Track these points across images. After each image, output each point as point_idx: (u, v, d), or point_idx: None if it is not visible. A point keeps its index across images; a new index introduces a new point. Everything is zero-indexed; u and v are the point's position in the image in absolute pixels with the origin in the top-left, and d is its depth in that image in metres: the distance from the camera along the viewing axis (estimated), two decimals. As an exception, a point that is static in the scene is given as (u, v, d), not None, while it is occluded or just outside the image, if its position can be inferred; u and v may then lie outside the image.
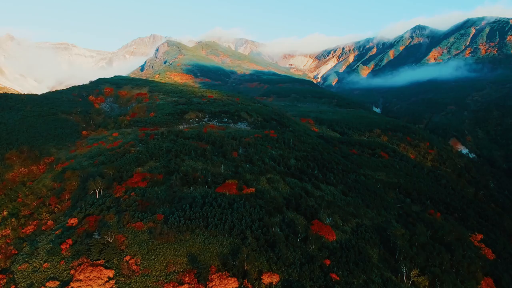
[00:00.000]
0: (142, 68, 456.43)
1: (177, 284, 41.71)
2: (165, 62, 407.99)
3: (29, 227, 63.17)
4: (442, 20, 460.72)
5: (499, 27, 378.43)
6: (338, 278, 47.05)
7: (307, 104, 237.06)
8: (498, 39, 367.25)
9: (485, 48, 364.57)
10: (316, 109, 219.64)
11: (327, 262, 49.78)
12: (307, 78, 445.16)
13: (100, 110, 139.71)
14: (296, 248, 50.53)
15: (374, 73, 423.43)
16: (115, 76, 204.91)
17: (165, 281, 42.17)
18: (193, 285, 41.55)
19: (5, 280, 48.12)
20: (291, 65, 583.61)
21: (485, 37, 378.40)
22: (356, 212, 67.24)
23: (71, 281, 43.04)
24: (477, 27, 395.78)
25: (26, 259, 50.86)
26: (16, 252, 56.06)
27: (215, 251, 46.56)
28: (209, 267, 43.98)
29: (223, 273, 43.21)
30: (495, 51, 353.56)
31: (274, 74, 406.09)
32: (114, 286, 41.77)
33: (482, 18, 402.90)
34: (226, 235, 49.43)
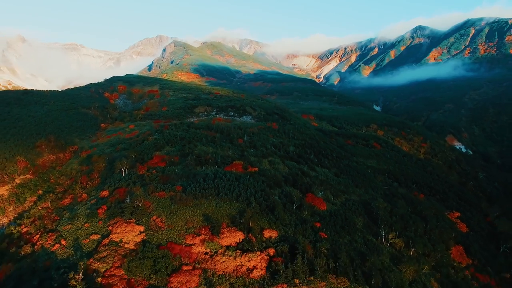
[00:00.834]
0: (149, 67, 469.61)
1: (195, 235, 52.27)
2: (172, 62, 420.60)
3: (66, 200, 74.15)
4: (442, 20, 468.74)
5: (498, 27, 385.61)
6: (326, 236, 57.35)
7: (309, 102, 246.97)
8: (497, 39, 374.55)
9: (484, 48, 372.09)
10: (317, 106, 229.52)
11: (318, 224, 60.11)
12: (309, 78, 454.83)
13: (115, 105, 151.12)
14: (292, 213, 60.89)
15: (375, 72, 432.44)
16: (126, 74, 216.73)
17: (185, 233, 52.75)
18: (208, 236, 52.08)
19: (54, 236, 58.81)
20: (294, 65, 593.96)
21: (484, 37, 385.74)
22: (346, 190, 77.50)
23: (110, 234, 53.71)
24: (477, 28, 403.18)
25: (69, 222, 61.54)
26: (58, 218, 66.95)
27: (225, 212, 57.10)
28: (221, 224, 54.48)
29: (232, 228, 53.74)
30: (493, 51, 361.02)
31: (278, 73, 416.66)
32: (145, 237, 52.34)
33: (482, 19, 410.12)
34: (234, 201, 59.96)
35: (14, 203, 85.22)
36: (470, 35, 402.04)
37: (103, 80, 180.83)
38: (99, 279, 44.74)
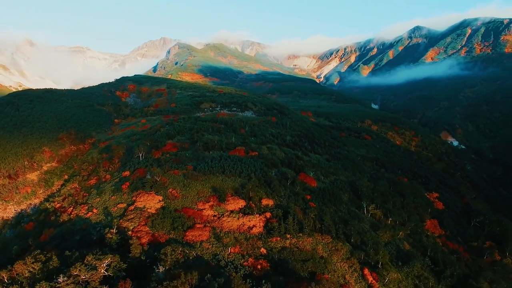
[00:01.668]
0: (154, 69, 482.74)
1: (205, 202, 63.31)
2: (176, 63, 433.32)
3: (91, 181, 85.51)
4: (440, 21, 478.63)
5: (494, 27, 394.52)
6: (314, 205, 68.16)
7: (308, 100, 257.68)
8: (492, 38, 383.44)
9: (480, 48, 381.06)
10: (315, 104, 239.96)
11: (308, 196, 70.97)
12: (309, 78, 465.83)
13: (126, 103, 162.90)
14: (286, 187, 71.82)
15: (374, 72, 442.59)
16: (135, 75, 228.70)
17: (197, 201, 63.80)
18: (216, 203, 63.12)
19: (86, 207, 69.95)
20: (295, 65, 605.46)
21: (480, 37, 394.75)
22: (335, 172, 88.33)
23: (135, 202, 64.81)
24: (473, 28, 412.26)
25: (97, 196, 72.76)
26: (87, 194, 78.20)
27: (229, 185, 68.13)
28: (226, 193, 65.50)
29: (235, 197, 64.77)
30: (489, 50, 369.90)
31: (278, 74, 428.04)
32: (164, 204, 63.38)
33: (478, 19, 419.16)
34: (237, 176, 71.03)
35: (43, 187, 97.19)
36: (467, 35, 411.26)
37: (113, 80, 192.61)
38: (129, 232, 55.78)
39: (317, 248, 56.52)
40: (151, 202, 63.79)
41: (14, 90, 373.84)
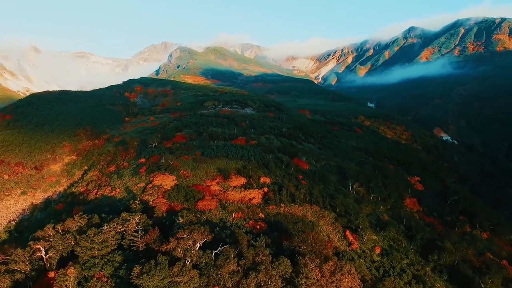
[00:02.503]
0: (157, 72, 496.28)
1: (212, 180, 74.68)
2: (178, 67, 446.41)
3: (111, 168, 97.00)
4: (434, 21, 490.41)
5: (486, 27, 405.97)
6: (305, 183, 79.41)
7: (305, 100, 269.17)
8: (484, 38, 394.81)
9: (472, 47, 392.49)
10: (312, 103, 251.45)
11: (300, 176, 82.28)
12: (306, 78, 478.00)
13: (134, 103, 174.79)
14: (281, 169, 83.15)
15: (370, 72, 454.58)
16: (141, 77, 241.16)
17: (205, 179, 75.17)
18: (221, 180, 74.48)
19: (109, 188, 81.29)
20: (293, 67, 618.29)
21: (473, 36, 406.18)
22: (326, 158, 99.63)
23: (152, 181, 76.19)
24: (466, 27, 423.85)
25: (118, 179, 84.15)
26: (108, 179, 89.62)
27: (232, 166, 79.52)
28: (230, 173, 76.87)
29: (238, 176, 76.10)
30: (481, 49, 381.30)
31: (277, 75, 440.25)
32: (177, 182, 74.72)
33: (471, 18, 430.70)
34: (239, 159, 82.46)
35: (66, 176, 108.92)
36: (460, 34, 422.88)
37: (121, 82, 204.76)
38: (150, 203, 67.12)
39: (306, 215, 67.76)
40: (166, 181, 75.14)
41: (22, 94, 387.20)
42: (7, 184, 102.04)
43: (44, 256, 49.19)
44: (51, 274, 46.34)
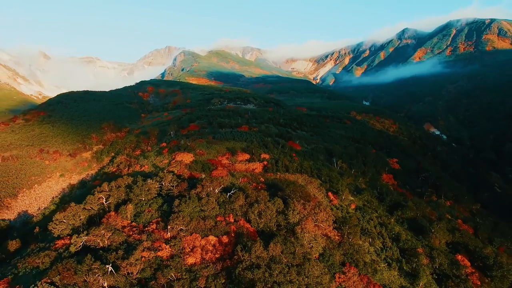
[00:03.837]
0: (162, 75, 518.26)
1: (222, 156, 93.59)
2: (182, 70, 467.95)
3: (136, 152, 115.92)
4: (427, 22, 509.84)
5: (476, 27, 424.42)
6: (297, 159, 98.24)
7: (303, 99, 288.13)
8: (475, 38, 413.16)
9: (463, 47, 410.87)
10: (310, 101, 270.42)
11: (294, 154, 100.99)
12: (304, 79, 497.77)
13: (148, 101, 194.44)
14: (278, 149, 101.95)
15: (366, 73, 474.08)
16: (151, 79, 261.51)
17: (217, 155, 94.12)
18: (230, 156, 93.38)
19: (138, 166, 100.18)
20: (293, 68, 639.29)
21: (464, 37, 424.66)
22: (316, 142, 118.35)
23: (174, 158, 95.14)
24: (458, 28, 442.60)
25: (145, 159, 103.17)
26: (135, 160, 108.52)
27: (238, 146, 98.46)
28: (236, 151, 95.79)
29: (243, 153, 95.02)
30: (471, 49, 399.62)
31: (277, 76, 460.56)
32: (195, 158, 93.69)
33: (462, 20, 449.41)
34: (243, 141, 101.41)
35: (96, 162, 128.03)
36: (452, 35, 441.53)
37: (134, 84, 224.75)
38: (175, 172, 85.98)
39: (297, 180, 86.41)
40: (186, 158, 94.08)
41: (34, 98, 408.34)
42: (48, 168, 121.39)
43: (104, 203, 68.08)
44: (112, 213, 65.14)
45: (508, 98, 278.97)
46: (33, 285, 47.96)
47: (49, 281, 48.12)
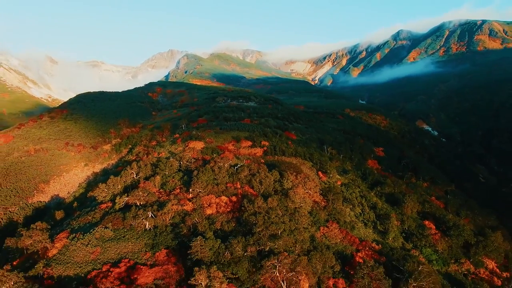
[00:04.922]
0: (166, 77, 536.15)
1: (229, 143, 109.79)
2: (186, 72, 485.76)
3: (152, 143, 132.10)
4: (422, 24, 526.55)
5: (469, 28, 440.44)
6: (292, 146, 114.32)
7: (301, 98, 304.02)
8: (467, 38, 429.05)
9: (456, 47, 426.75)
10: (307, 100, 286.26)
11: (289, 142, 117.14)
12: (302, 79, 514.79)
13: (157, 101, 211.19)
14: (276, 138, 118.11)
15: (363, 73, 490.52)
16: (159, 81, 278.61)
17: (224, 142, 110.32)
18: (235, 143, 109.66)
19: (156, 153, 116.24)
20: (292, 70, 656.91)
21: (456, 37, 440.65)
22: (310, 133, 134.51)
23: (187, 146, 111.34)
24: (450, 29, 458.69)
25: (161, 148, 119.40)
26: (152, 149, 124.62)
27: (242, 135, 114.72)
28: (241, 139, 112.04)
29: (246, 140, 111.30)
30: (463, 49, 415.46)
31: (277, 78, 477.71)
32: (205, 145, 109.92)
33: (454, 21, 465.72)
34: (246, 131, 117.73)
35: (115, 153, 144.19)
36: (445, 36, 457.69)
37: (143, 85, 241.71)
38: (190, 155, 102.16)
39: (293, 161, 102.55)
40: (197, 145, 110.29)
41: (45, 101, 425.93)
42: (74, 159, 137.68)
43: (135, 177, 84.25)
44: (141, 184, 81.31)
45: (497, 96, 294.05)
46: (91, 230, 64.23)
47: (103, 227, 64.40)
